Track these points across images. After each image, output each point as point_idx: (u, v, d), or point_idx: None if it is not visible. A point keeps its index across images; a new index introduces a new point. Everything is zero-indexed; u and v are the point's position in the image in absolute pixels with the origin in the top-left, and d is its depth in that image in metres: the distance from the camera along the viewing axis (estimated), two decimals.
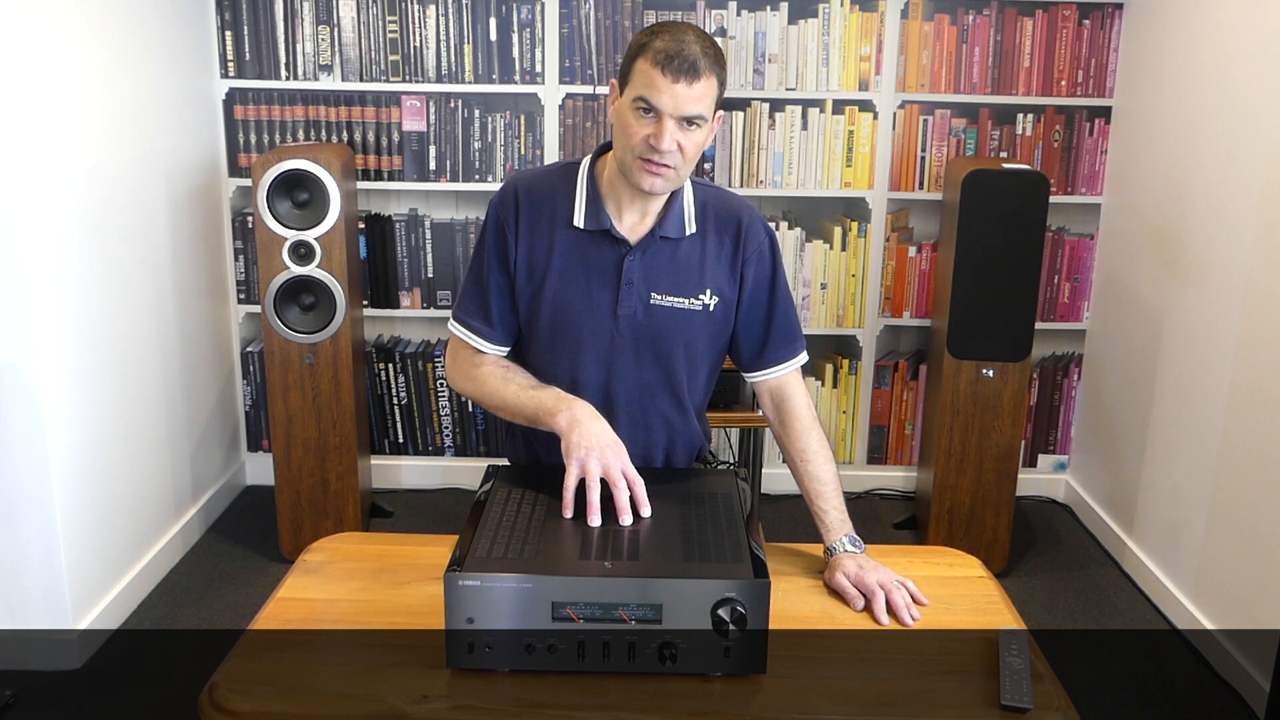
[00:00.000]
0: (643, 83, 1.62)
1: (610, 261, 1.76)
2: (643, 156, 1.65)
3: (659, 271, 1.76)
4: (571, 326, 1.77)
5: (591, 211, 1.75)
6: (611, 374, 1.79)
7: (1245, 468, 2.81)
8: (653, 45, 1.62)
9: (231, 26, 3.60)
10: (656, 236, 1.75)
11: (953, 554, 1.80)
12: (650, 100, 1.62)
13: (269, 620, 1.55)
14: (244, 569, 3.35)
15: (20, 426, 2.65)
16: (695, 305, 1.77)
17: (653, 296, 1.76)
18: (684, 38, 1.62)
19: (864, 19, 3.61)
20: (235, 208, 3.73)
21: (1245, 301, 2.83)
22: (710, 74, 1.63)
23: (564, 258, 1.76)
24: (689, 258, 1.77)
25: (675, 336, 1.78)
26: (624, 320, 1.76)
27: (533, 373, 1.82)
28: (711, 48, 1.64)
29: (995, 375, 3.28)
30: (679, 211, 1.77)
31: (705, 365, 1.86)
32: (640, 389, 1.80)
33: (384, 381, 3.87)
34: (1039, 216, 3.14)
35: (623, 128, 1.67)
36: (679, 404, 1.84)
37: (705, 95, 1.63)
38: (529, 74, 3.64)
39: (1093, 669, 2.91)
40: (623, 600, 1.38)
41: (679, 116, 1.62)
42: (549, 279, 1.77)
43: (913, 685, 1.43)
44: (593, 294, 1.76)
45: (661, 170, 1.66)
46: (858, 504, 3.90)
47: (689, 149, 1.65)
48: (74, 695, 2.69)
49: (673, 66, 1.60)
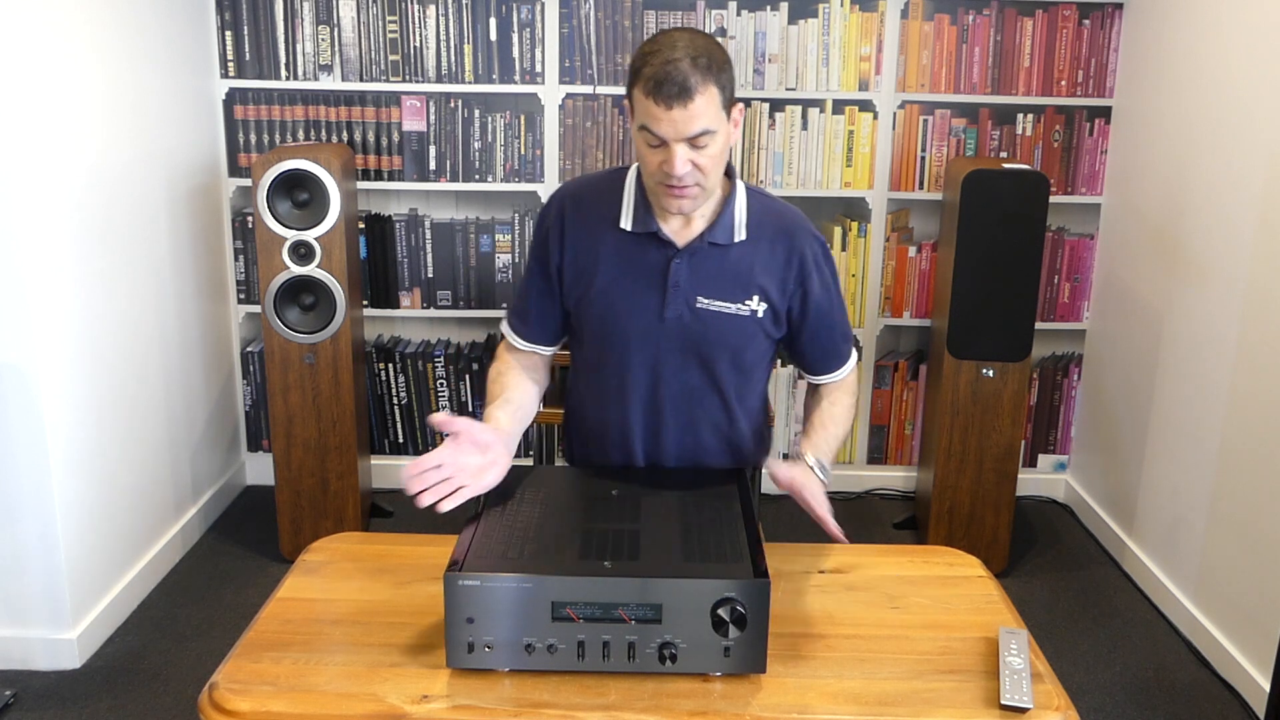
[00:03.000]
0: (642, 112, 1.63)
1: (657, 264, 1.77)
2: (663, 183, 1.67)
3: (706, 276, 1.76)
4: (619, 328, 1.79)
5: (639, 215, 1.77)
6: (658, 376, 1.81)
7: (1245, 468, 2.81)
8: (643, 73, 1.60)
9: (231, 26, 3.60)
10: (705, 241, 1.76)
11: (953, 554, 1.80)
12: (652, 130, 1.62)
13: (269, 620, 1.56)
14: (244, 569, 3.35)
15: (20, 426, 2.65)
16: (743, 310, 1.78)
17: (699, 300, 1.77)
18: (673, 57, 1.58)
19: (864, 19, 3.61)
20: (235, 208, 3.73)
21: (1245, 301, 2.83)
22: (705, 87, 1.59)
23: (612, 260, 1.78)
24: (738, 264, 1.77)
25: (721, 341, 1.78)
26: (670, 323, 1.77)
27: (585, 373, 1.87)
28: (705, 54, 1.60)
29: (995, 375, 3.28)
30: (729, 218, 1.77)
31: (755, 371, 1.86)
32: (687, 392, 1.81)
33: (384, 381, 3.87)
34: (1039, 216, 3.14)
35: (641, 157, 1.69)
36: (726, 409, 1.85)
37: (705, 110, 1.60)
38: (529, 74, 3.64)
39: (1093, 669, 2.91)
40: (623, 600, 1.38)
41: (683, 139, 1.61)
42: (596, 281, 1.79)
43: (913, 685, 1.43)
44: (640, 296, 1.77)
45: (683, 192, 1.67)
46: (858, 504, 3.90)
47: (706, 163, 1.64)
48: (74, 695, 2.69)
49: (663, 94, 1.58)
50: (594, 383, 1.87)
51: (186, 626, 3.02)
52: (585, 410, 1.91)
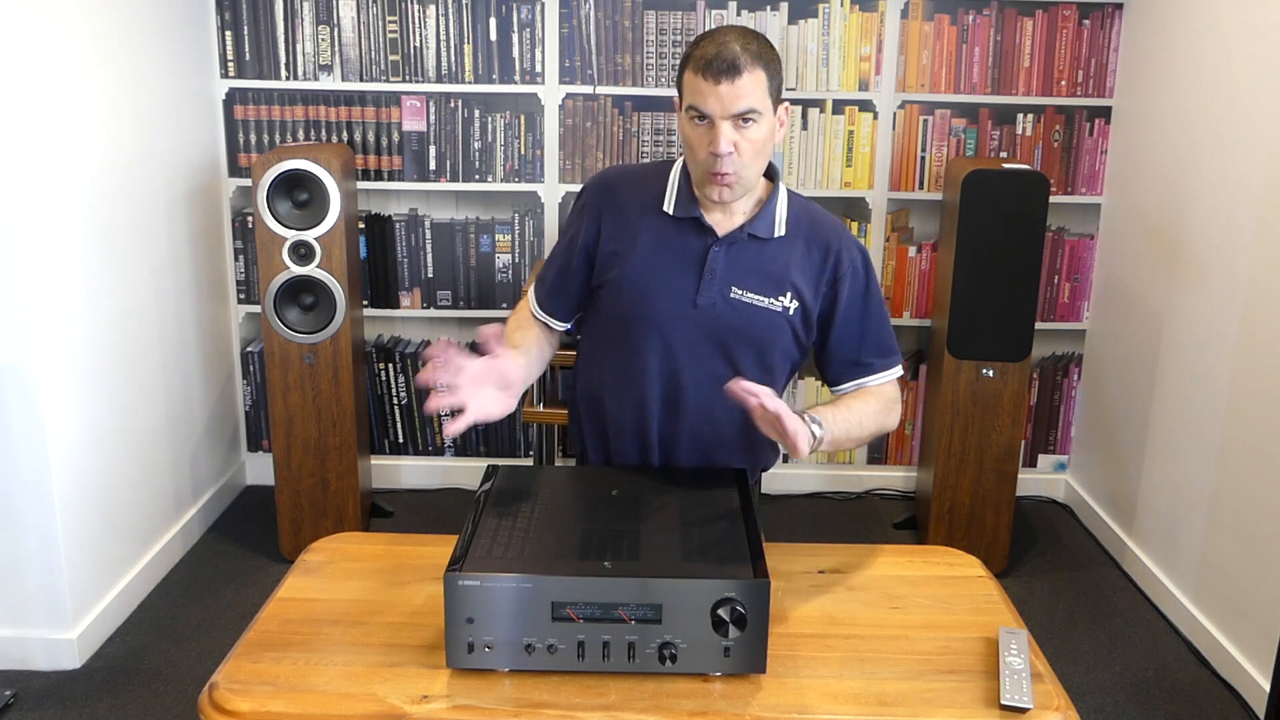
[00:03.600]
0: (691, 91, 1.67)
1: (696, 250, 1.79)
2: (708, 169, 1.70)
3: (743, 267, 1.78)
4: (650, 309, 1.80)
5: (683, 201, 1.80)
6: (682, 362, 1.81)
7: (1245, 467, 2.81)
8: (694, 55, 1.67)
9: (231, 26, 3.60)
10: (745, 233, 1.78)
11: (953, 554, 1.80)
12: (699, 107, 1.67)
13: (269, 620, 1.56)
14: (244, 569, 3.35)
15: (20, 426, 2.65)
16: (775, 306, 1.79)
17: (733, 290, 1.78)
18: (723, 39, 1.65)
19: (864, 19, 3.61)
20: (235, 208, 3.73)
21: (1245, 301, 2.83)
22: (754, 68, 1.64)
23: (650, 242, 1.80)
24: (775, 259, 1.79)
25: (750, 334, 1.79)
26: (703, 309, 1.78)
27: (611, 357, 1.87)
28: (754, 43, 1.66)
29: (995, 375, 3.28)
30: (771, 214, 1.80)
31: (777, 371, 1.85)
32: (711, 382, 1.80)
33: (384, 381, 3.87)
34: (1039, 216, 3.14)
35: (686, 142, 1.72)
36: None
37: (753, 89, 1.65)
38: (529, 74, 3.64)
39: (1093, 669, 2.91)
40: (623, 600, 1.38)
41: (730, 115, 1.65)
42: (633, 260, 1.80)
43: (913, 685, 1.43)
44: (675, 280, 1.79)
45: (726, 179, 1.70)
46: (858, 504, 3.90)
47: (747, 147, 1.68)
48: (74, 695, 2.69)
49: (713, 69, 1.63)
50: (615, 365, 1.86)
51: (186, 626, 3.02)
52: (603, 394, 1.89)
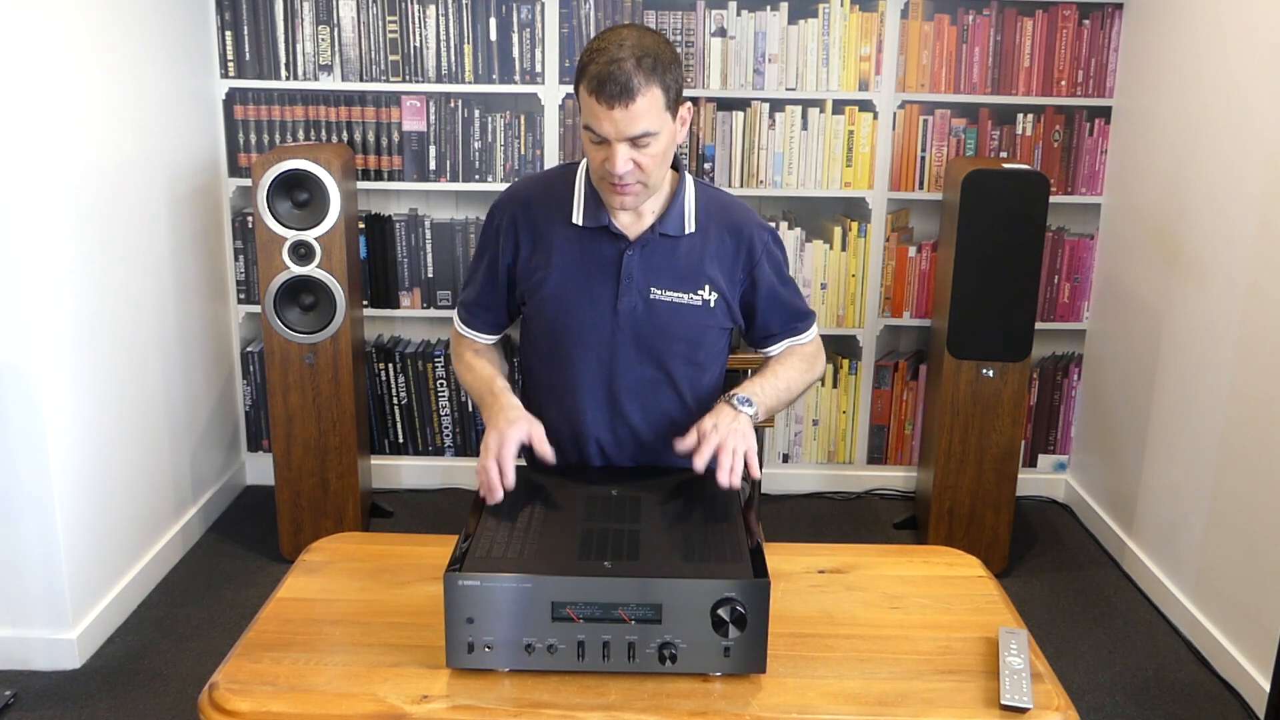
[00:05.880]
0: (586, 110, 1.64)
1: (610, 257, 1.78)
2: (606, 180, 1.69)
3: (659, 267, 1.78)
4: (573, 322, 1.79)
5: (590, 209, 1.78)
6: (613, 370, 1.81)
7: (1245, 468, 2.81)
8: (587, 70, 1.61)
9: (231, 26, 3.60)
10: (656, 233, 1.78)
11: (952, 554, 1.80)
12: (594, 129, 1.63)
13: (269, 620, 1.56)
14: (244, 569, 3.35)
15: (20, 426, 2.65)
16: (695, 300, 1.79)
17: (653, 291, 1.78)
18: (618, 56, 1.58)
19: (864, 19, 3.61)
20: (235, 208, 3.73)
21: (1245, 301, 2.83)
22: (648, 88, 1.59)
23: (565, 254, 1.79)
24: (689, 254, 1.79)
25: (675, 332, 1.80)
26: (624, 315, 1.78)
27: (540, 368, 1.88)
28: (650, 54, 1.60)
29: (995, 375, 3.28)
30: (679, 210, 1.79)
31: (709, 365, 1.87)
32: (643, 385, 1.82)
33: (384, 381, 3.87)
34: (1039, 216, 3.14)
35: (586, 152, 1.70)
36: (682, 402, 1.85)
37: (647, 111, 1.61)
38: (529, 74, 3.64)
39: (1093, 669, 2.91)
40: (622, 600, 1.38)
41: (625, 139, 1.62)
42: (551, 275, 1.79)
43: (913, 685, 1.43)
44: (593, 289, 1.78)
45: (625, 190, 1.68)
46: (858, 504, 3.90)
47: (647, 163, 1.66)
48: (74, 695, 2.69)
49: (606, 93, 1.58)
50: (548, 377, 1.87)
51: (186, 626, 3.02)
52: (539, 405, 1.88)
